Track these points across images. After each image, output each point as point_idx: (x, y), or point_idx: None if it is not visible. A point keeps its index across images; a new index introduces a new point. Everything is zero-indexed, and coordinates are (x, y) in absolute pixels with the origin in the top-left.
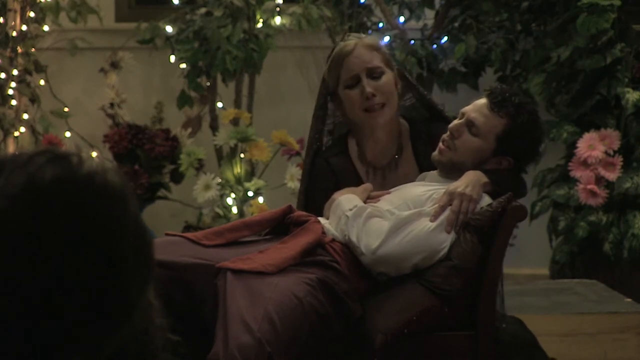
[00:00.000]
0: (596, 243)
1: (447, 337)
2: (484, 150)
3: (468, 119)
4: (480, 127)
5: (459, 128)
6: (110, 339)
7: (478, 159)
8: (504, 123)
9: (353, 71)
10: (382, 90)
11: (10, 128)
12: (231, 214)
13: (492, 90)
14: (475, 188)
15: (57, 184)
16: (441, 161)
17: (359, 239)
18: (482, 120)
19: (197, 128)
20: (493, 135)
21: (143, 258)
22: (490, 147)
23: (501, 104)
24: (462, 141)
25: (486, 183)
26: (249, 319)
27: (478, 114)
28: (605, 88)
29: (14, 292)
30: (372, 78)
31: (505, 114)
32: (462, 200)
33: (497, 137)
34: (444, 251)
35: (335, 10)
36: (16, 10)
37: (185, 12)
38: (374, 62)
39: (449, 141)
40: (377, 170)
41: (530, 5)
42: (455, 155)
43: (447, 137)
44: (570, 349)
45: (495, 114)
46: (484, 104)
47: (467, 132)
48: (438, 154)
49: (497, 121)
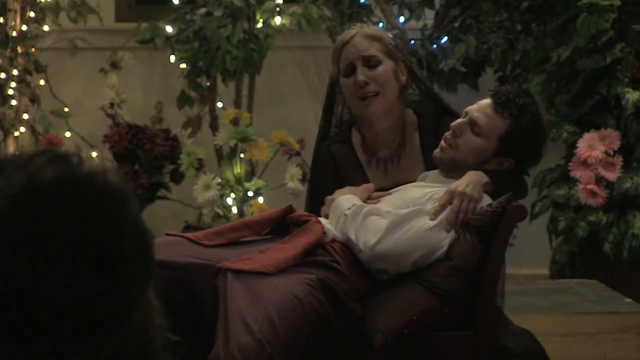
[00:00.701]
0: (596, 243)
1: (447, 337)
2: (485, 150)
3: (471, 118)
4: (483, 127)
5: (462, 126)
6: (110, 339)
7: (479, 158)
8: (507, 124)
9: (348, 60)
10: (377, 79)
11: (10, 128)
12: (231, 214)
13: (496, 90)
14: (476, 187)
15: (57, 184)
16: (442, 159)
17: (357, 236)
18: (485, 120)
19: (197, 128)
20: (495, 136)
21: (143, 258)
22: (492, 147)
23: (505, 105)
24: (464, 140)
25: (487, 183)
26: (249, 319)
27: (481, 113)
28: (605, 88)
29: (14, 292)
30: (368, 67)
31: (509, 115)
32: (462, 199)
33: (500, 138)
34: (443, 249)
35: (335, 10)
36: (16, 10)
37: (185, 12)
38: (370, 51)
39: (451, 139)
40: (380, 161)
41: (530, 5)
42: (456, 154)
43: (450, 135)
44: (570, 349)
45: (499, 115)
46: (488, 104)
47: (470, 131)
48: (440, 152)
49: (500, 122)
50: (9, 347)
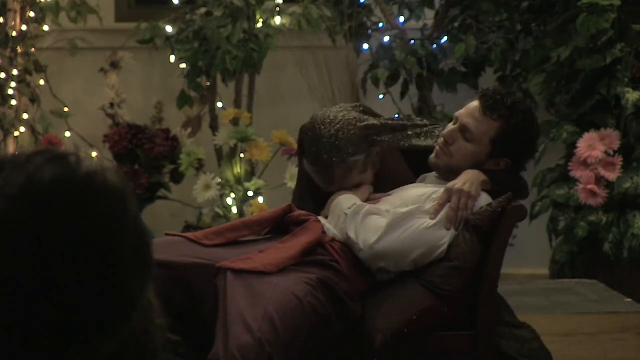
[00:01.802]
0: (596, 243)
1: (447, 337)
2: (479, 154)
3: (462, 124)
4: (474, 132)
5: (453, 134)
6: (110, 339)
7: (475, 162)
8: (497, 126)
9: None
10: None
11: (10, 128)
12: (231, 214)
13: (484, 92)
14: (474, 185)
15: (56, 184)
16: (438, 165)
17: (357, 235)
18: (475, 125)
19: (197, 128)
20: (487, 139)
21: (143, 258)
22: (485, 151)
23: (493, 107)
24: (457, 147)
25: (485, 181)
26: (249, 319)
27: (471, 118)
28: (605, 88)
29: (13, 292)
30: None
31: (498, 117)
32: (460, 196)
33: (492, 141)
34: (442, 247)
35: (335, 10)
36: (16, 10)
37: (185, 12)
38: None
39: (444, 148)
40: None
41: (530, 5)
42: (451, 161)
43: (442, 144)
44: (570, 349)
45: (488, 118)
46: (476, 108)
47: (462, 137)
48: (435, 158)
49: (491, 125)
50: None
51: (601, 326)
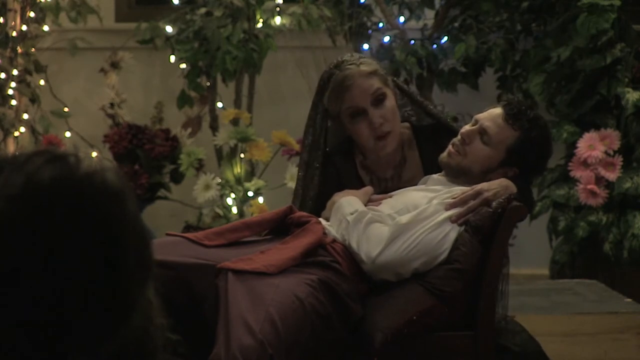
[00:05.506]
0: (596, 243)
1: (447, 337)
2: (492, 159)
3: (482, 127)
4: (493, 137)
5: (471, 134)
6: (110, 339)
7: (486, 167)
8: (516, 136)
9: (359, 105)
10: (386, 116)
11: (10, 128)
12: (231, 214)
13: (509, 101)
14: (498, 197)
15: (55, 184)
16: (449, 164)
17: (360, 246)
18: (496, 130)
19: (197, 128)
20: (504, 146)
21: (143, 258)
22: (499, 157)
23: (516, 117)
24: (472, 148)
25: (512, 194)
26: (250, 320)
27: (492, 123)
28: (605, 88)
29: (13, 292)
30: (377, 105)
31: (519, 127)
32: (482, 204)
33: (508, 149)
34: (443, 255)
35: (335, 10)
36: (16, 10)
37: (185, 12)
38: (374, 88)
39: (459, 146)
40: (381, 180)
41: (530, 5)
42: (463, 161)
43: (458, 142)
44: (570, 349)
45: (509, 126)
46: (499, 114)
47: (479, 139)
48: (447, 157)
49: (510, 133)
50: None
51: (601, 326)
